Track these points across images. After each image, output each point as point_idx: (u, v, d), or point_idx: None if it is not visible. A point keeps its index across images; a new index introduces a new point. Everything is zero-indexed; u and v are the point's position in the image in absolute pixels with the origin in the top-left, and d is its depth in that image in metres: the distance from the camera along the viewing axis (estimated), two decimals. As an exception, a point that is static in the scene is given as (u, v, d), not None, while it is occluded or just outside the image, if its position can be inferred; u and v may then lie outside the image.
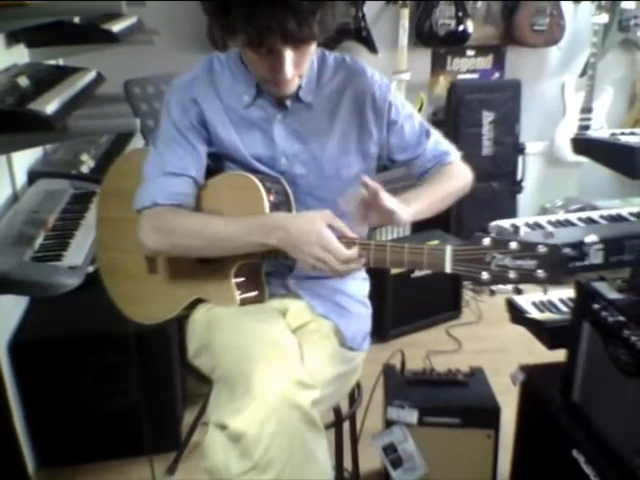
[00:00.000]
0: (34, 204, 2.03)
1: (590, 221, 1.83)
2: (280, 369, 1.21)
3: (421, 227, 3.02)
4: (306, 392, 1.21)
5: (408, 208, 1.30)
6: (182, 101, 1.41)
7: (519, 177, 3.57)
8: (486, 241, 1.15)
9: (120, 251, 1.54)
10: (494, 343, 2.90)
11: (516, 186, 3.58)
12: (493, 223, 1.75)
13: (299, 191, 1.42)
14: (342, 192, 1.41)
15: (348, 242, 1.24)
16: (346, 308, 1.51)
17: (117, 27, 2.36)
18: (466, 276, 1.17)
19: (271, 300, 1.47)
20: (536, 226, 1.79)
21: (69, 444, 2.15)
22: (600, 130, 3.13)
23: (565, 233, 1.70)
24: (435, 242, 3.05)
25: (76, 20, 2.31)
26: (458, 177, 1.53)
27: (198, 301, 1.47)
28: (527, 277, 1.14)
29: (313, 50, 1.32)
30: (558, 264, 1.13)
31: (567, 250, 1.13)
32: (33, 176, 2.29)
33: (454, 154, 1.56)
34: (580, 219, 1.84)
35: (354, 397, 1.72)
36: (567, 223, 1.81)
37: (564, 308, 1.81)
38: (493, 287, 3.15)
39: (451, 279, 3.06)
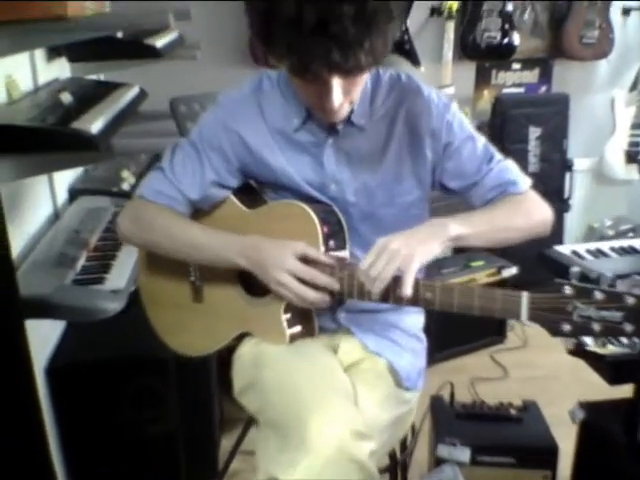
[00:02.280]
0: (75, 223, 1.99)
1: (657, 248, 1.72)
2: (337, 417, 1.12)
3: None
4: (363, 443, 1.13)
5: (436, 237, 1.18)
6: (220, 122, 1.35)
7: (566, 195, 3.45)
8: (568, 289, 1.06)
9: (163, 278, 1.48)
10: (541, 370, 2.78)
11: (563, 204, 3.45)
12: (553, 250, 1.65)
13: (352, 219, 1.34)
14: (398, 221, 1.33)
15: (331, 268, 1.23)
16: (400, 344, 1.42)
17: (160, 42, 2.33)
18: (545, 326, 1.08)
19: (321, 335, 1.38)
20: (598, 253, 1.69)
21: (105, 469, 2.08)
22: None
23: (632, 262, 1.60)
24: (479, 263, 2.94)
25: (119, 35, 2.28)
26: (527, 210, 1.34)
27: (244, 333, 1.40)
28: (612, 330, 1.04)
29: (365, 77, 1.24)
30: None
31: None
32: (74, 193, 2.26)
33: (524, 184, 1.38)
34: (646, 246, 1.73)
35: (406, 440, 1.61)
36: (632, 250, 1.70)
37: (626, 341, 1.70)
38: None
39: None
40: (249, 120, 1.34)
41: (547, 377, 2.71)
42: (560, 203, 3.45)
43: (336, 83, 1.15)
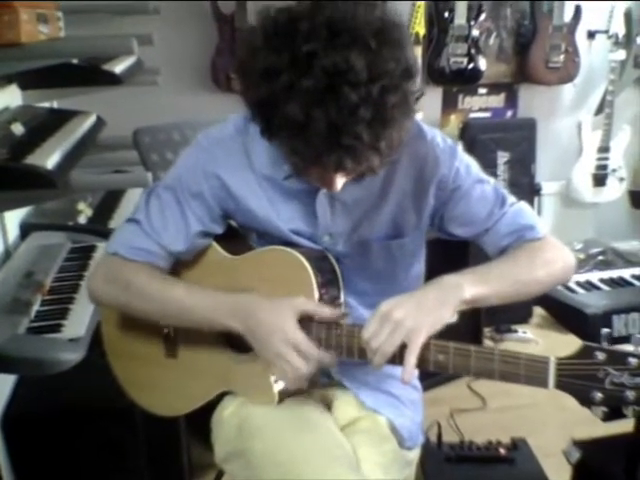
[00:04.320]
0: (28, 262, 1.85)
1: (647, 278, 1.67)
2: None
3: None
4: None
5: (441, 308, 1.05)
6: (200, 166, 1.21)
7: (535, 219, 3.42)
8: (600, 354, 0.97)
9: (132, 328, 1.32)
10: (520, 398, 2.67)
11: (533, 228, 3.43)
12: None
13: (346, 269, 1.22)
14: (396, 272, 1.24)
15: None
16: (399, 397, 1.31)
17: (118, 68, 2.20)
18: (574, 395, 0.99)
19: (312, 391, 1.25)
20: (589, 285, 1.62)
21: (66, 528, 1.92)
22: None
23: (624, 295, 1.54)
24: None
25: (74, 61, 2.15)
26: (548, 258, 1.18)
27: (225, 392, 1.26)
28: None
29: None
30: None
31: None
32: (26, 229, 2.11)
33: (542, 229, 1.23)
34: (634, 276, 1.67)
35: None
36: (622, 282, 1.64)
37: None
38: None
39: (470, 328, 2.88)
40: (233, 166, 1.21)
41: (526, 405, 2.61)
42: (530, 227, 3.42)
43: (340, 175, 1.05)
